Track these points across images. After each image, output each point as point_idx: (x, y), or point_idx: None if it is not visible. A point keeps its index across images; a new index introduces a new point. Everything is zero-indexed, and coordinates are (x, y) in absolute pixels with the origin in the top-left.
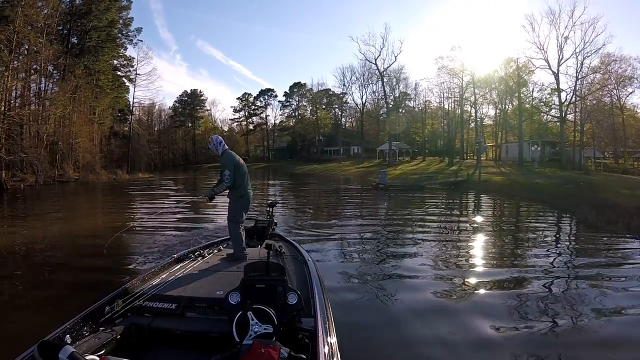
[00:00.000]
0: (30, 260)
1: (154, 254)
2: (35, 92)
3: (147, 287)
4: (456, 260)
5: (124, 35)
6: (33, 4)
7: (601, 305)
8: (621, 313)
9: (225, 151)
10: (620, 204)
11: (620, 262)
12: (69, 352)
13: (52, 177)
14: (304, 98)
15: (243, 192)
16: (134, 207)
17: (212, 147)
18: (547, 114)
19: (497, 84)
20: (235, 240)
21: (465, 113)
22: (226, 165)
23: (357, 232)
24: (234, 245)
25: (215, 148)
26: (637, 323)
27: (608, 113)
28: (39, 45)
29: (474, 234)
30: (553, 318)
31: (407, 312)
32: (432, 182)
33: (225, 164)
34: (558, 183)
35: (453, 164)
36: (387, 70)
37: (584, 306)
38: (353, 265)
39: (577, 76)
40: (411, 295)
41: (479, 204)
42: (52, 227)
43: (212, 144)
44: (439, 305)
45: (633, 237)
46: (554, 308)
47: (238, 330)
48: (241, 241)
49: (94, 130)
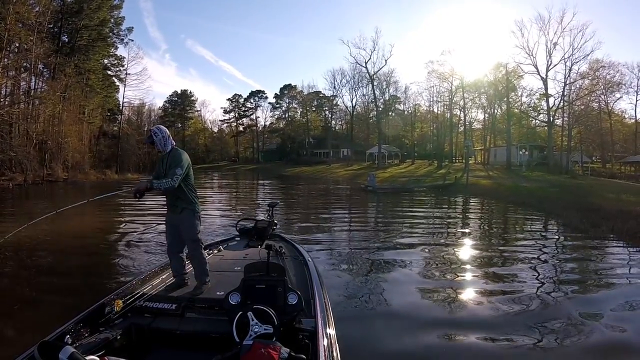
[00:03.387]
0: (19, 261)
1: (149, 254)
2: (25, 91)
3: (147, 288)
4: (443, 263)
5: (115, 35)
6: (25, 2)
7: (582, 309)
8: (601, 316)
9: (177, 149)
10: (605, 207)
11: (603, 264)
12: (69, 352)
13: (41, 177)
14: (294, 100)
15: (199, 207)
16: (123, 208)
17: (159, 140)
18: (536, 118)
19: (486, 89)
20: (202, 263)
21: (455, 117)
22: (182, 163)
23: (344, 233)
24: (200, 270)
25: (163, 141)
26: (615, 323)
27: (596, 118)
28: (30, 43)
29: (458, 235)
30: (538, 324)
31: (399, 312)
32: (420, 185)
33: (181, 161)
34: (544, 187)
35: (442, 168)
36: (377, 73)
37: (565, 310)
38: (343, 266)
39: (565, 81)
40: (403, 295)
41: (464, 206)
42: (41, 227)
43: (159, 135)
44: (431, 304)
45: (616, 240)
46: (538, 314)
47: (238, 331)
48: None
49: (83, 129)
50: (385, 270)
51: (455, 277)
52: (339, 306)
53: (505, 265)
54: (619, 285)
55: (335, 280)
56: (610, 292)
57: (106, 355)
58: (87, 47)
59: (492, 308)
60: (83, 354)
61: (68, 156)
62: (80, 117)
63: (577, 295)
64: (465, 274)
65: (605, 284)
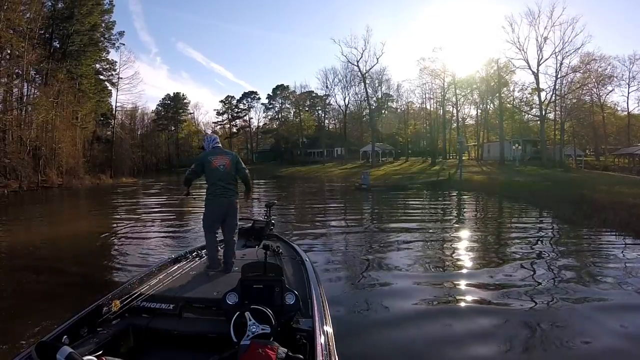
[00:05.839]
0: (15, 266)
1: (149, 256)
2: (18, 97)
3: (145, 288)
4: (439, 257)
5: (107, 39)
6: (16, 8)
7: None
8: (588, 301)
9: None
10: (597, 199)
11: (594, 254)
12: (67, 352)
13: (36, 183)
14: (287, 100)
15: (211, 196)
16: (125, 212)
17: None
18: (528, 113)
19: (478, 85)
20: (207, 247)
21: (447, 113)
22: (194, 160)
23: (340, 232)
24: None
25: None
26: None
27: (588, 111)
28: (22, 49)
29: (451, 231)
30: (532, 317)
31: (398, 310)
32: (414, 182)
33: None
34: (537, 181)
35: (435, 164)
36: (369, 72)
37: (560, 300)
38: (340, 265)
39: (556, 75)
40: (400, 293)
41: (458, 201)
42: (38, 232)
43: (205, 141)
44: (428, 300)
45: (607, 230)
46: (532, 306)
47: (236, 331)
48: (212, 249)
49: (76, 134)
50: (381, 268)
51: (450, 273)
52: (337, 306)
53: (499, 259)
54: (610, 270)
55: (333, 280)
56: (600, 280)
57: (104, 356)
58: (79, 52)
59: (487, 301)
60: (81, 354)
61: (62, 162)
62: (74, 122)
63: (568, 284)
64: (459, 270)
65: (591, 272)
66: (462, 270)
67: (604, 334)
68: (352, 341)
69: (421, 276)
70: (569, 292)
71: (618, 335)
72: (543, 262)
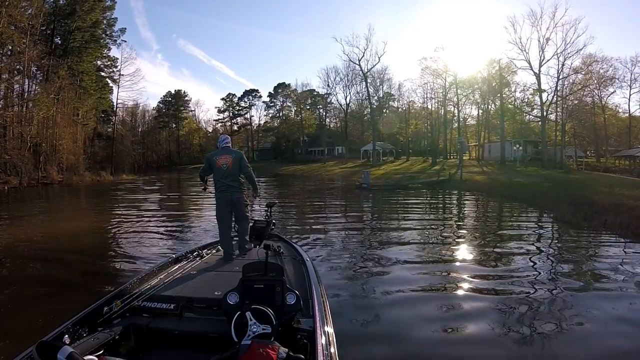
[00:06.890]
0: (17, 262)
1: (150, 255)
2: (19, 94)
3: (146, 288)
4: (437, 258)
5: (108, 36)
6: (17, 4)
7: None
8: (588, 305)
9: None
10: (598, 201)
11: (595, 258)
12: (68, 352)
13: (36, 179)
14: (288, 99)
15: (216, 193)
16: (127, 208)
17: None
18: (529, 114)
19: (480, 85)
20: (220, 238)
21: (449, 113)
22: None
23: (340, 231)
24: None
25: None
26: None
27: (589, 113)
28: (23, 45)
29: (452, 231)
30: (532, 318)
31: (398, 309)
32: (414, 181)
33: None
34: (538, 182)
35: (436, 164)
36: (370, 71)
37: (559, 304)
38: (341, 265)
39: (558, 76)
40: (401, 292)
41: (458, 202)
42: (38, 229)
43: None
44: (428, 300)
45: (608, 233)
46: (531, 307)
47: (236, 331)
48: (224, 240)
49: (77, 131)
50: (382, 267)
51: (451, 272)
52: (338, 306)
53: (498, 259)
54: (605, 272)
55: (334, 280)
56: (597, 284)
57: (104, 356)
58: (80, 49)
59: (486, 301)
60: (81, 354)
61: (63, 158)
62: (74, 119)
63: (568, 284)
64: (459, 270)
65: (587, 271)
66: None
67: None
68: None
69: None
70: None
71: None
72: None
